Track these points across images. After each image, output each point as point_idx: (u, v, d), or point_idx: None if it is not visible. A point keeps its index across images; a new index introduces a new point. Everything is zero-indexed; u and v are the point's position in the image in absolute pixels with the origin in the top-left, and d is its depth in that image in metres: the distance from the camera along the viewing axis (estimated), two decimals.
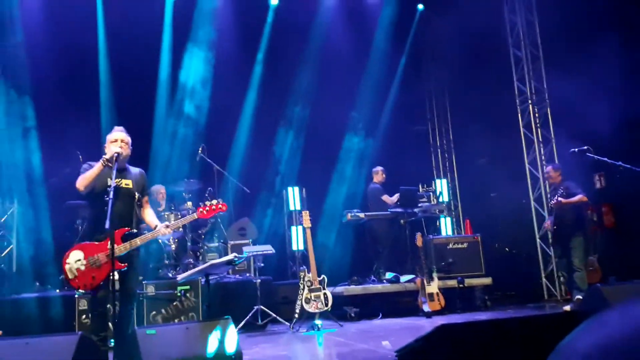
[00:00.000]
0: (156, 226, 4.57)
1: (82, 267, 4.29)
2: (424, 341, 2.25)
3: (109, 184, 4.20)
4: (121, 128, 4.73)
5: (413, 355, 2.41)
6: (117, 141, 4.55)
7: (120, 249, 4.33)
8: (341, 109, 10.05)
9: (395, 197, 8.59)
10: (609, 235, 7.85)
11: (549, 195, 7.98)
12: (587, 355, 0.56)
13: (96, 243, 4.34)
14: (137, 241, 4.44)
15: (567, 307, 6.59)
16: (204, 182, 8.09)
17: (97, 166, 4.40)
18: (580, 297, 6.30)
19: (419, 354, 2.33)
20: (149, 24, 9.13)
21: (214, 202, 4.77)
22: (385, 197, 8.74)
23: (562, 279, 8.37)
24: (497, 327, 2.28)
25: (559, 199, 6.53)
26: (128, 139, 4.69)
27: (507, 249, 9.72)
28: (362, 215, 8.41)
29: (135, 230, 4.51)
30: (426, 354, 2.26)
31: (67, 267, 4.32)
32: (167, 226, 4.58)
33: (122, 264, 4.35)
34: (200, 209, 4.74)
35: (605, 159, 5.47)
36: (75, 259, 4.32)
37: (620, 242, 7.70)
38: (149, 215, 4.75)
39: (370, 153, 10.14)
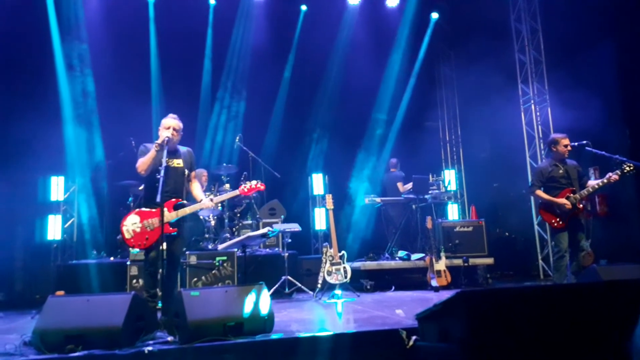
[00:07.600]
0: (202, 200, 4.60)
1: (138, 229, 4.37)
2: (442, 305, 2.20)
3: (162, 164, 4.24)
4: (175, 116, 4.72)
5: (432, 318, 2.36)
6: (170, 128, 4.57)
7: (172, 215, 4.40)
8: (363, 105, 9.92)
9: (409, 185, 8.50)
10: (600, 222, 7.68)
11: None
12: None
13: (152, 210, 4.39)
14: (187, 210, 4.48)
15: None
16: (240, 167, 8.10)
17: (152, 151, 4.43)
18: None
19: (437, 317, 2.28)
20: (195, 25, 9.13)
21: (254, 182, 4.84)
22: (399, 184, 8.67)
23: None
24: (509, 295, 2.21)
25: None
26: (180, 125, 4.69)
27: (507, 233, 9.57)
28: (378, 199, 8.36)
29: (185, 202, 4.56)
30: (444, 316, 2.21)
31: (124, 228, 4.40)
32: (212, 199, 4.61)
33: (172, 229, 4.40)
34: (242, 187, 4.80)
35: (604, 152, 5.28)
36: (132, 222, 4.40)
37: (611, 229, 7.53)
38: (195, 189, 4.77)
39: (388, 145, 10.01)
